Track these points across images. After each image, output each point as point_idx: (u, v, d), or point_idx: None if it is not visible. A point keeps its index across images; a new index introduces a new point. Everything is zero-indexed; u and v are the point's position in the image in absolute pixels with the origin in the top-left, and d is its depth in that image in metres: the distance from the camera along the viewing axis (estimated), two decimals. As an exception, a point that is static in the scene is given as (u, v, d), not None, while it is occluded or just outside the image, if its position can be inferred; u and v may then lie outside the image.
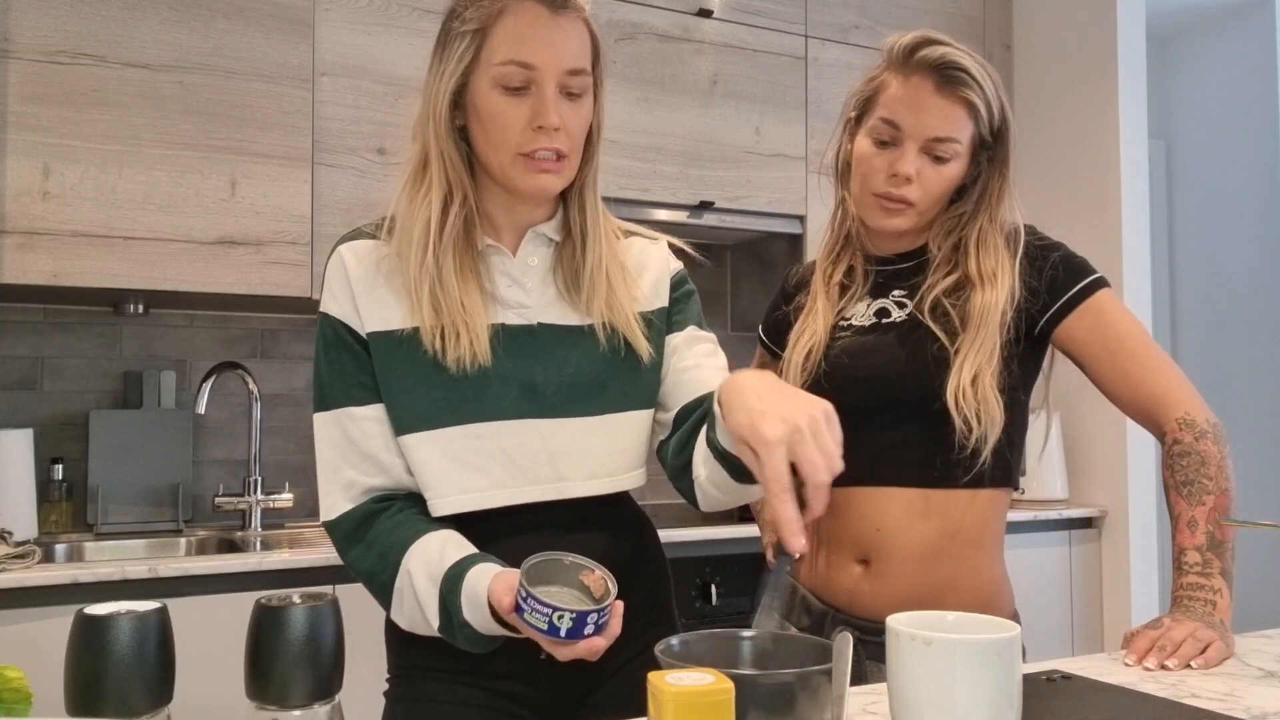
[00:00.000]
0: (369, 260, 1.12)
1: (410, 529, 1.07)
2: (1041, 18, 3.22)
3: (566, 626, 0.89)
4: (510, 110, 1.05)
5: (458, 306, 1.07)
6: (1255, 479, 3.59)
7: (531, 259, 1.14)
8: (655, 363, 1.17)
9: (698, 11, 2.78)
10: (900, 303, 1.30)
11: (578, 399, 1.12)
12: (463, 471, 1.08)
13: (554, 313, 1.14)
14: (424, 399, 1.08)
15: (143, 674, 0.62)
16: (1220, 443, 1.19)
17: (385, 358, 1.09)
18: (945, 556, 1.24)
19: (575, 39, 1.08)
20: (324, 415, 1.11)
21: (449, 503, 1.08)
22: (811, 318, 1.34)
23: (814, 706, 0.76)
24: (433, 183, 1.08)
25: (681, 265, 1.24)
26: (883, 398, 1.26)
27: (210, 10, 2.25)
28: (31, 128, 2.09)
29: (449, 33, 1.08)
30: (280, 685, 0.66)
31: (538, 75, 1.05)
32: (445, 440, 1.08)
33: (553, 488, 1.11)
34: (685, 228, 2.82)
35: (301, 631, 0.66)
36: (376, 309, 1.10)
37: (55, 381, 2.44)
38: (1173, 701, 0.94)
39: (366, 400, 1.10)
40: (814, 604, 1.31)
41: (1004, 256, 1.26)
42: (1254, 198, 3.69)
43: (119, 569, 1.87)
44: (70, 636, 0.63)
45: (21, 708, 0.66)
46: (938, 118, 1.24)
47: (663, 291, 1.20)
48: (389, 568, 1.06)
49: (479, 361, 1.07)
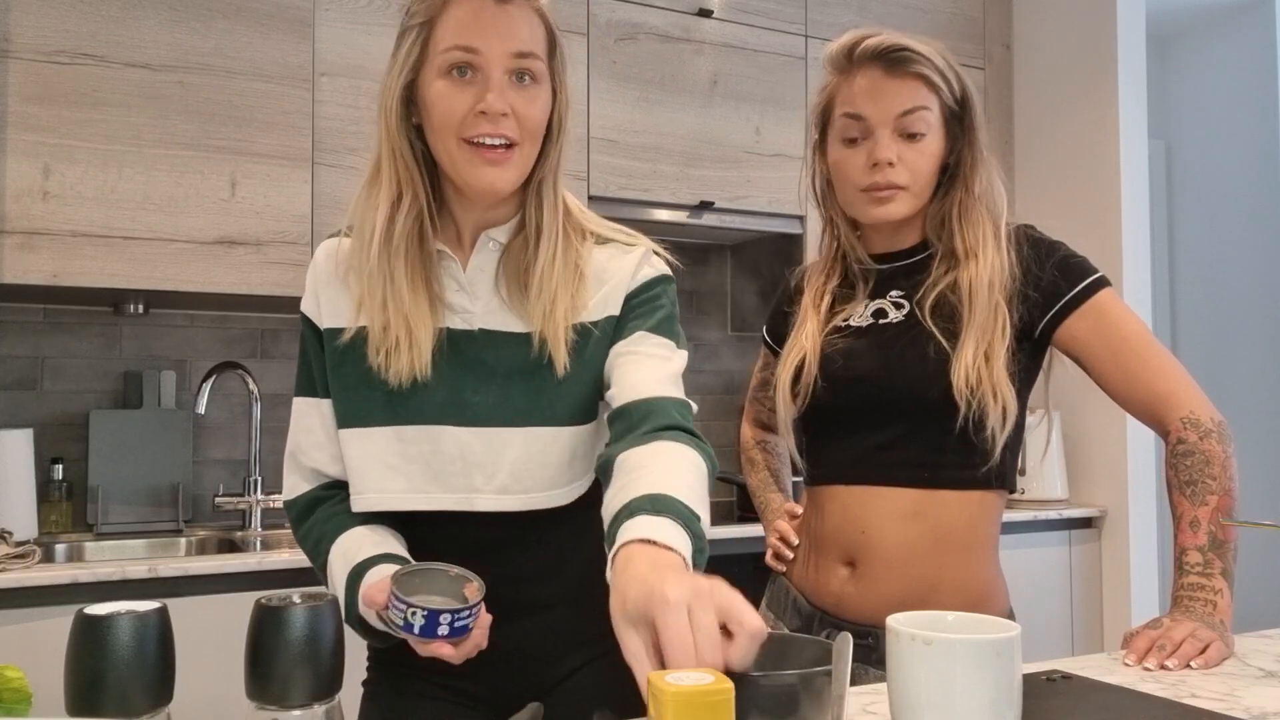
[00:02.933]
0: (335, 258, 1.14)
1: (342, 519, 1.10)
2: (1041, 18, 3.22)
3: (419, 624, 0.92)
4: (454, 95, 1.02)
5: (403, 318, 1.06)
6: (1255, 479, 3.59)
7: (482, 266, 1.11)
8: (583, 377, 1.10)
9: (698, 11, 2.78)
10: (898, 302, 1.29)
11: (502, 409, 1.08)
12: (383, 472, 1.08)
13: (496, 319, 1.10)
14: (360, 397, 1.09)
15: (143, 674, 0.62)
16: (1225, 441, 1.17)
17: (333, 353, 1.12)
18: (931, 559, 1.22)
19: (525, 25, 1.04)
20: (298, 400, 1.16)
21: (365, 500, 1.09)
22: (800, 335, 1.34)
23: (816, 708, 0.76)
24: (384, 181, 1.06)
25: (655, 274, 1.14)
26: (871, 398, 1.25)
27: (210, 10, 2.25)
28: (31, 128, 2.09)
29: (401, 30, 1.07)
30: (280, 685, 0.66)
31: (482, 60, 1.02)
32: (372, 439, 1.09)
33: (465, 498, 1.08)
34: (685, 228, 2.83)
35: (301, 631, 0.66)
36: (331, 306, 1.13)
37: (55, 381, 2.44)
38: (1173, 701, 0.94)
39: (324, 393, 1.13)
40: (804, 606, 1.31)
41: (987, 230, 1.25)
42: (1254, 198, 3.69)
43: (119, 569, 1.87)
44: (70, 636, 0.63)
45: (21, 708, 0.66)
46: (895, 95, 1.24)
47: (614, 300, 1.11)
48: (321, 554, 1.10)
49: (415, 375, 1.07)
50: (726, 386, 3.20)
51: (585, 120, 2.62)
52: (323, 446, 1.13)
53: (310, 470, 1.14)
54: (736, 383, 3.19)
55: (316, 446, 1.13)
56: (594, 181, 2.62)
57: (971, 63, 3.24)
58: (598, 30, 2.66)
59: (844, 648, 0.76)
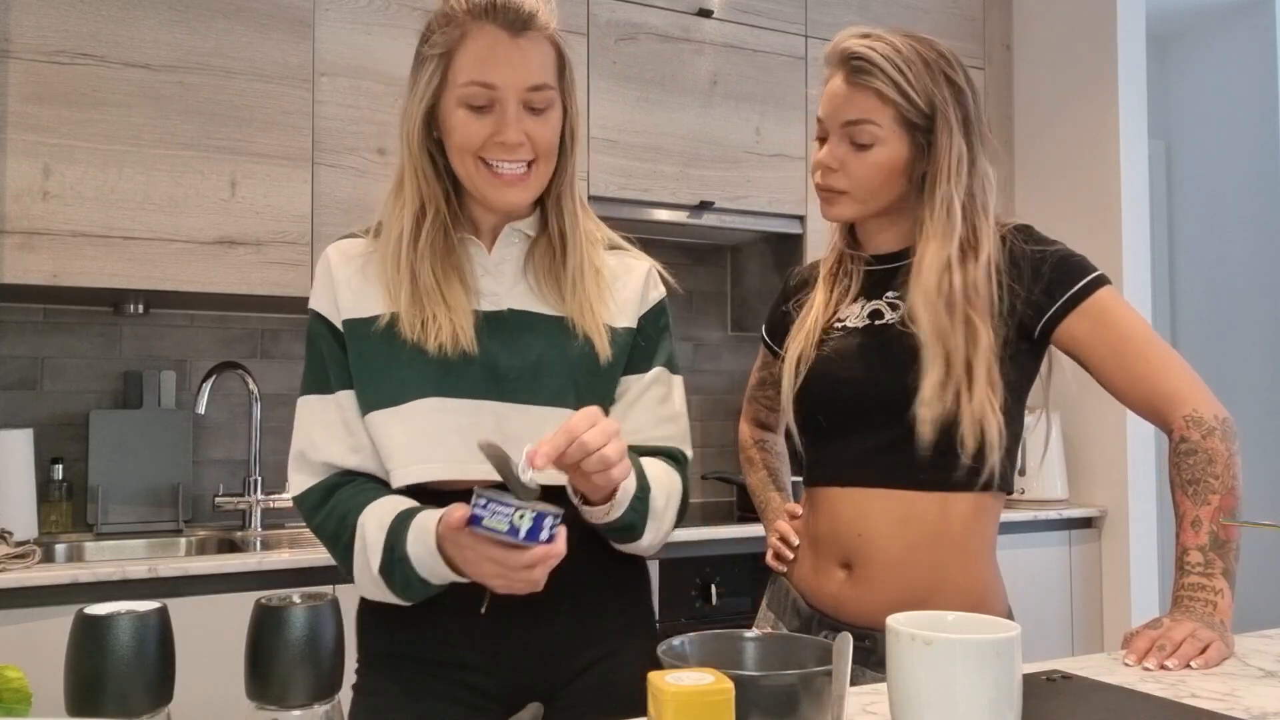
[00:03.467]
0: (354, 257, 1.18)
1: (369, 495, 1.12)
2: (1041, 18, 3.22)
3: (526, 526, 0.92)
4: (473, 126, 1.11)
5: (438, 297, 1.12)
6: (1256, 479, 3.59)
7: (506, 253, 1.19)
8: (614, 372, 1.18)
9: (698, 11, 2.78)
10: (893, 304, 1.29)
11: (539, 387, 1.14)
12: (424, 443, 1.11)
13: (525, 301, 1.17)
14: (393, 377, 1.12)
15: (143, 674, 0.62)
16: (1229, 439, 1.16)
17: (359, 342, 1.14)
18: (926, 561, 1.21)
19: (537, 57, 1.12)
20: (308, 400, 1.18)
21: (410, 472, 1.11)
22: (808, 317, 1.35)
23: (816, 708, 0.76)
24: (407, 197, 1.15)
25: (661, 296, 1.25)
26: (866, 400, 1.25)
27: (210, 10, 2.25)
28: (31, 128, 2.09)
29: (421, 56, 1.14)
30: (280, 685, 0.66)
31: (499, 94, 1.10)
32: (409, 414, 1.11)
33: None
34: (685, 228, 2.83)
35: (301, 631, 0.66)
36: (353, 299, 1.16)
37: (55, 381, 2.44)
38: (1173, 701, 0.94)
39: (339, 386, 1.15)
40: (803, 607, 1.31)
41: (943, 228, 1.22)
42: (1254, 198, 3.69)
43: (119, 569, 1.87)
44: (70, 636, 0.63)
45: (21, 708, 0.66)
46: (845, 104, 1.25)
47: (630, 313, 1.21)
48: (348, 529, 1.10)
49: (461, 345, 1.11)
50: (726, 386, 3.20)
51: (585, 120, 2.62)
52: (339, 439, 1.14)
53: (322, 464, 1.15)
54: (736, 383, 3.19)
55: (332, 440, 1.14)
56: (594, 181, 2.62)
57: (971, 63, 3.24)
58: (598, 30, 2.66)
59: (844, 648, 0.76)
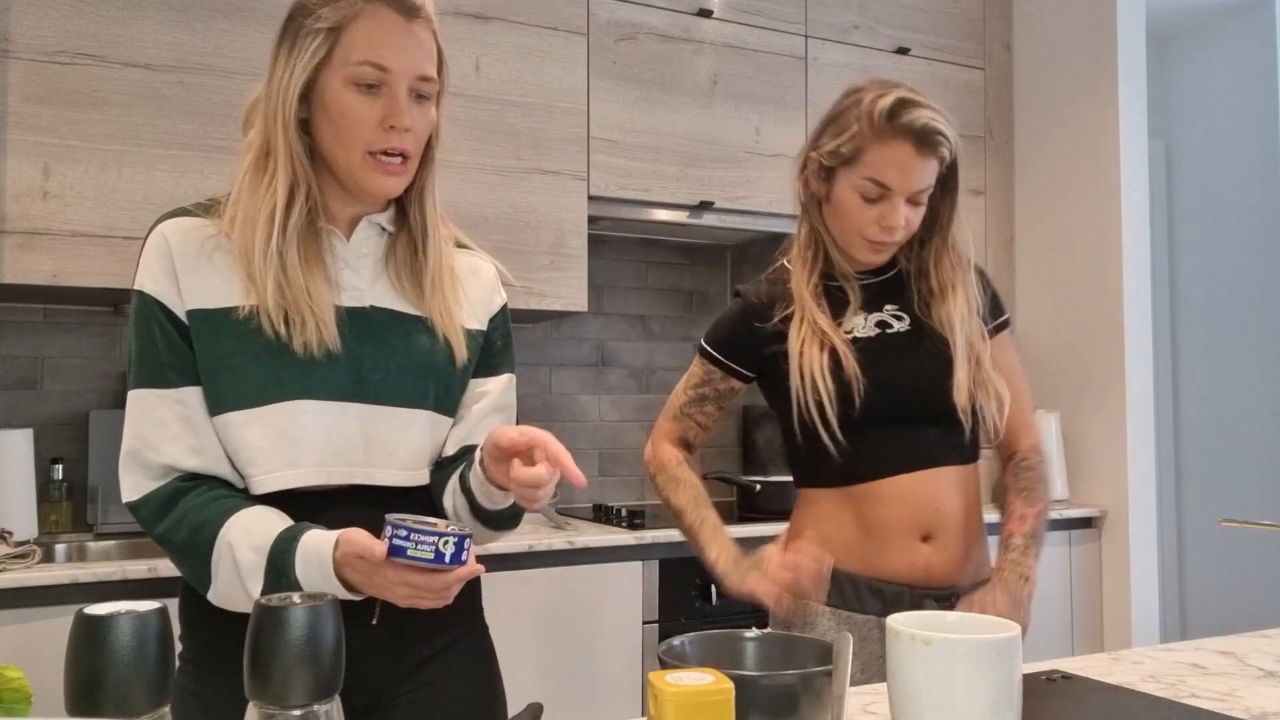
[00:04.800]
0: (194, 238, 1.10)
1: (224, 505, 1.05)
2: (1041, 18, 3.22)
3: (450, 552, 0.95)
4: (363, 109, 1.08)
5: (303, 292, 1.08)
6: (1255, 479, 3.59)
7: (365, 246, 1.16)
8: (466, 376, 1.20)
9: (698, 11, 2.78)
10: (898, 315, 1.46)
11: (401, 388, 1.13)
12: (288, 448, 1.07)
13: (386, 298, 1.16)
14: (253, 376, 1.07)
15: (143, 674, 0.62)
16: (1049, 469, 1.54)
17: (210, 336, 1.07)
18: (975, 519, 1.46)
19: (426, 47, 1.11)
20: (140, 393, 1.08)
21: (274, 479, 1.07)
22: (815, 329, 1.43)
23: (816, 708, 0.76)
24: (278, 173, 1.09)
25: (504, 299, 1.27)
26: (922, 395, 1.41)
27: (210, 10, 2.25)
28: (31, 128, 2.09)
29: (300, 28, 1.10)
30: (280, 685, 0.66)
31: (391, 77, 1.08)
32: (269, 417, 1.07)
33: (364, 472, 1.11)
34: (685, 228, 2.83)
35: (301, 631, 0.66)
36: (200, 287, 1.08)
37: (55, 381, 2.44)
38: (1173, 701, 0.94)
39: (181, 381, 1.07)
40: (887, 588, 1.40)
41: (959, 269, 1.46)
42: (1254, 198, 3.69)
43: (119, 569, 1.87)
44: (70, 636, 0.62)
45: (21, 708, 0.66)
46: (920, 175, 1.38)
47: (481, 315, 1.23)
48: (204, 542, 1.04)
49: (326, 345, 1.08)
50: (726, 386, 3.20)
51: (585, 120, 2.63)
52: (178, 439, 1.07)
53: (161, 467, 1.07)
54: (736, 383, 3.18)
55: (170, 440, 1.06)
56: (594, 181, 2.62)
57: (971, 63, 3.24)
58: (598, 30, 2.65)
59: (844, 648, 0.76)
